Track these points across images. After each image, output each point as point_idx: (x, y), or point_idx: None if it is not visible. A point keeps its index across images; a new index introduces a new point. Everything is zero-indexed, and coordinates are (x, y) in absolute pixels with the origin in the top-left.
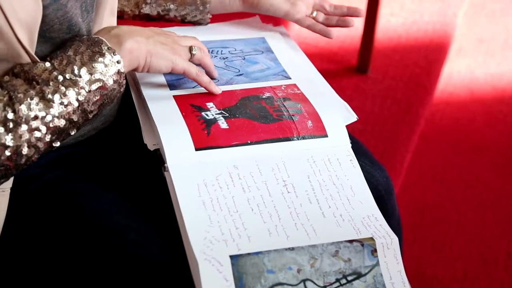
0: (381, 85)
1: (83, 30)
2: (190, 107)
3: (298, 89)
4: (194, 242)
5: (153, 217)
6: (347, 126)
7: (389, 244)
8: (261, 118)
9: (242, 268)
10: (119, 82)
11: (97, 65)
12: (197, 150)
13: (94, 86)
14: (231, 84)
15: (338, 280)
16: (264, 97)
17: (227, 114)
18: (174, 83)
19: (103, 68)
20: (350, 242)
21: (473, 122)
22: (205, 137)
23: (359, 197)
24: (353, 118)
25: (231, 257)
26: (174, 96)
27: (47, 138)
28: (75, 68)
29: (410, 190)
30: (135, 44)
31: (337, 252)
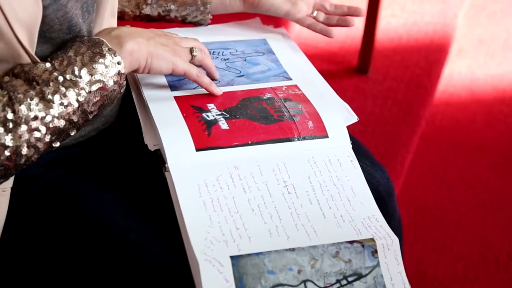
0: (381, 86)
1: (84, 31)
2: (191, 108)
3: (299, 89)
4: (194, 243)
5: (153, 217)
6: (348, 127)
7: (389, 245)
8: (261, 118)
9: (242, 268)
10: (120, 83)
11: (97, 66)
12: (197, 150)
13: (95, 87)
14: (232, 85)
15: (338, 281)
16: (265, 98)
17: (228, 115)
18: (175, 84)
19: (104, 69)
20: (351, 243)
21: (473, 122)
22: (205, 137)
23: (360, 198)
24: (353, 119)
25: (232, 257)
26: (175, 97)
27: (47, 139)
28: (76, 69)
29: (410, 191)
30: (136, 45)
31: (337, 253)
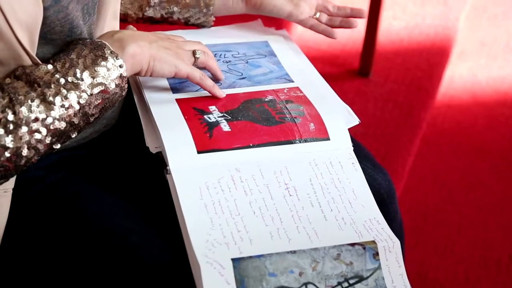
0: (383, 88)
1: (85, 33)
2: (193, 111)
3: (301, 91)
4: (196, 245)
5: (155, 219)
6: (349, 129)
7: (391, 247)
8: (263, 120)
9: (244, 271)
10: (121, 86)
11: (99, 68)
12: (199, 153)
13: (96, 90)
14: (234, 87)
15: (340, 283)
16: (266, 100)
17: (230, 117)
18: (177, 86)
19: (106, 72)
20: (352, 245)
21: (475, 125)
22: (207, 140)
23: (361, 200)
24: (355, 121)
25: (233, 260)
26: (176, 99)
27: (47, 140)
28: (78, 71)
29: (412, 193)
30: (138, 48)
31: (339, 255)
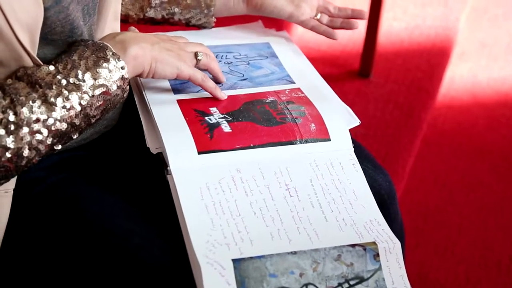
0: (383, 89)
1: (85, 34)
2: (194, 112)
3: (302, 92)
4: (196, 246)
5: (155, 220)
6: (349, 130)
7: (391, 248)
8: (264, 121)
9: (244, 272)
10: (123, 88)
11: (101, 70)
12: (199, 153)
13: (98, 91)
14: (235, 88)
15: (340, 284)
16: (267, 101)
17: (230, 118)
18: (178, 87)
19: (107, 73)
20: (353, 246)
21: (475, 126)
22: (208, 140)
23: (362, 201)
24: (355, 122)
25: (234, 260)
26: (177, 100)
27: (49, 141)
28: (79, 72)
29: (412, 194)
30: (140, 50)
31: (339, 256)
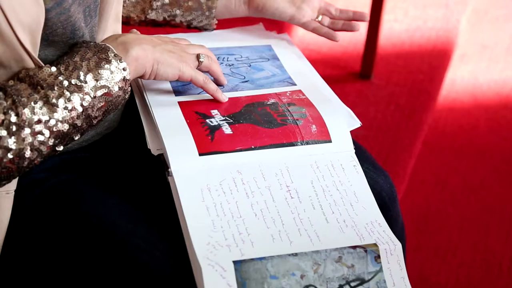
0: (384, 91)
1: (87, 35)
2: (195, 115)
3: (303, 94)
4: (197, 247)
5: (156, 222)
6: (351, 132)
7: (392, 250)
8: (265, 123)
9: (245, 273)
10: (124, 89)
11: (103, 71)
12: (200, 155)
13: (99, 93)
14: (236, 90)
15: (341, 286)
16: (268, 103)
17: (231, 120)
18: (179, 89)
19: (109, 74)
20: (354, 248)
21: (476, 128)
22: (209, 142)
23: (363, 203)
24: (356, 124)
25: (235, 262)
26: (179, 102)
27: (50, 142)
28: (81, 74)
29: (413, 196)
30: (142, 51)
31: (340, 258)
